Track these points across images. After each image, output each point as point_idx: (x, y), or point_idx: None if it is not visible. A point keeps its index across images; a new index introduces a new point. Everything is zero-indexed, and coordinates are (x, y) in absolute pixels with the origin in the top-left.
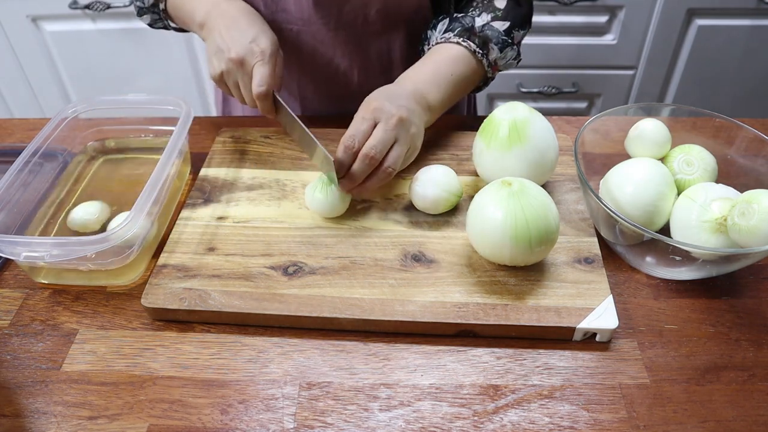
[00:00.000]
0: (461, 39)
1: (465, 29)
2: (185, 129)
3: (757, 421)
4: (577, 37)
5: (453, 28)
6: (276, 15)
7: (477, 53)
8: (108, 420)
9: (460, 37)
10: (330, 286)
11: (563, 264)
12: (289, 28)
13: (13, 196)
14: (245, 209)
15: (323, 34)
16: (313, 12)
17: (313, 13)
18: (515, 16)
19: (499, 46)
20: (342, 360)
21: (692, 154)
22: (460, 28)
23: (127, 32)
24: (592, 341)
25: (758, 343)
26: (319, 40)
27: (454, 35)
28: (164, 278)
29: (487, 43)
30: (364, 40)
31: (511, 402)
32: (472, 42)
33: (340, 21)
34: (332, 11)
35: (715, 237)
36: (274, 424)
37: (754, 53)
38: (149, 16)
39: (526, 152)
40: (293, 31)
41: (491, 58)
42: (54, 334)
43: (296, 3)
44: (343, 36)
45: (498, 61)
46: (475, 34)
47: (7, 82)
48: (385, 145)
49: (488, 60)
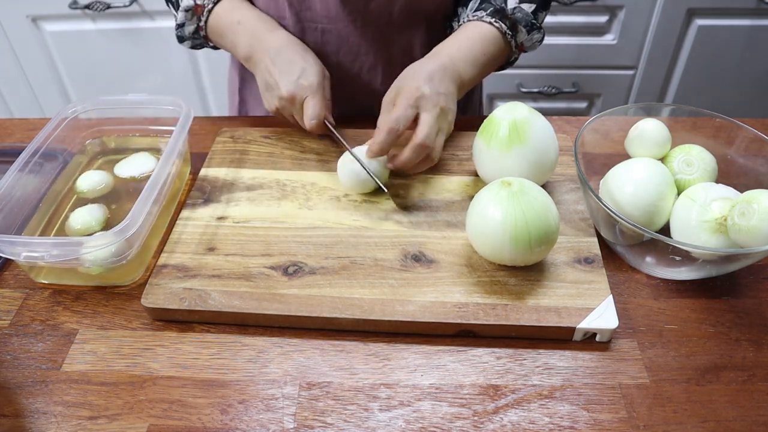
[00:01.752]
0: (494, 19)
1: (497, 10)
2: (185, 129)
3: (757, 421)
4: (577, 37)
5: (485, 7)
6: (302, 14)
7: (507, 35)
8: (108, 420)
9: (492, 17)
10: (330, 286)
11: (563, 264)
12: (314, 26)
13: (13, 196)
14: (245, 209)
15: (348, 32)
16: (340, 9)
17: (340, 10)
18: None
19: (527, 28)
20: (342, 360)
21: (692, 154)
22: (492, 9)
23: (127, 32)
24: (592, 341)
25: (758, 343)
26: (344, 38)
27: (487, 14)
28: (164, 278)
29: (516, 26)
30: (388, 37)
31: (511, 402)
32: (504, 23)
33: (366, 18)
34: (359, 8)
35: (715, 237)
36: (274, 424)
37: (754, 53)
38: (190, 41)
39: (526, 152)
40: (318, 30)
41: (519, 40)
42: (54, 334)
43: (323, 1)
44: (367, 33)
45: (525, 43)
46: (507, 15)
47: (7, 82)
48: (434, 134)
49: (516, 41)
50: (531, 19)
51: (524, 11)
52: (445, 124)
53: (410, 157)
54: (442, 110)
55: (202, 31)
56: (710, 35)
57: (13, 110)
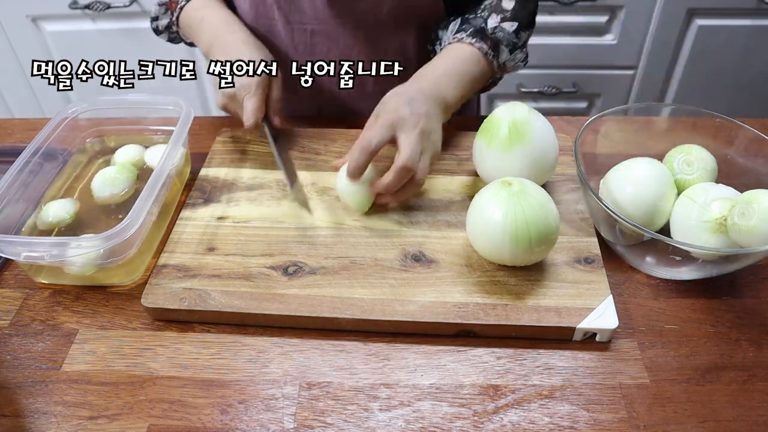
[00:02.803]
0: (474, 40)
1: (477, 30)
2: (185, 129)
3: (757, 421)
4: (577, 37)
5: (465, 29)
6: (290, 15)
7: (488, 55)
8: (108, 420)
9: (473, 38)
10: (330, 286)
11: (563, 264)
12: (303, 28)
13: (13, 196)
14: (245, 209)
15: (338, 33)
16: (328, 11)
17: (327, 11)
18: (522, 17)
19: (509, 48)
20: (342, 360)
21: (692, 154)
22: (472, 29)
23: (127, 32)
24: (592, 341)
25: (758, 343)
26: (334, 40)
27: (467, 36)
28: (164, 278)
29: (498, 45)
30: (379, 39)
31: (511, 402)
32: (485, 44)
33: (355, 19)
34: (347, 9)
35: (715, 237)
36: (274, 424)
37: (754, 53)
38: (166, 34)
39: (526, 152)
40: (307, 31)
41: (501, 59)
42: (54, 334)
43: (310, 2)
44: (357, 35)
45: (507, 63)
46: (487, 36)
47: (7, 82)
48: (417, 156)
49: (498, 62)
50: (513, 39)
51: (506, 30)
52: (429, 145)
53: (393, 180)
54: (423, 131)
55: (175, 26)
56: (710, 35)
57: (13, 110)
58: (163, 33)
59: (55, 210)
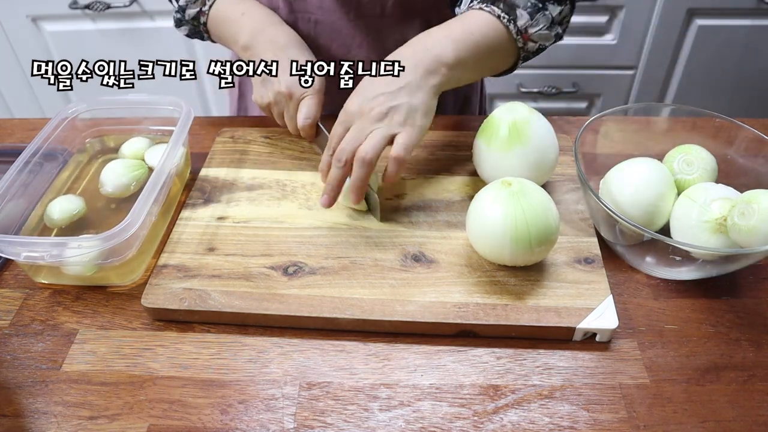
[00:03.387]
0: (484, 5)
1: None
2: (185, 129)
3: (757, 421)
4: (577, 37)
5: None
6: (294, 4)
7: (502, 18)
8: (108, 420)
9: (483, 3)
10: (330, 286)
11: (563, 264)
12: (307, 17)
13: (13, 196)
14: (245, 209)
15: (342, 24)
16: (333, 1)
17: (332, 1)
18: None
19: (528, 11)
20: (342, 360)
21: (692, 154)
22: None
23: (127, 32)
24: (592, 341)
25: (758, 343)
26: (337, 30)
27: (478, 2)
28: (164, 278)
29: (515, 9)
30: (382, 31)
31: (511, 402)
32: (497, 7)
33: (359, 10)
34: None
35: (715, 237)
36: (274, 424)
37: (754, 53)
38: (187, 27)
39: (526, 152)
40: (311, 21)
41: (520, 24)
42: (54, 334)
43: None
44: (360, 26)
45: (529, 29)
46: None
47: (7, 82)
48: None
49: (516, 27)
50: (532, 1)
51: None
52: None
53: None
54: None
55: (204, 17)
56: (710, 35)
57: (13, 110)
58: (186, 25)
59: (61, 206)
